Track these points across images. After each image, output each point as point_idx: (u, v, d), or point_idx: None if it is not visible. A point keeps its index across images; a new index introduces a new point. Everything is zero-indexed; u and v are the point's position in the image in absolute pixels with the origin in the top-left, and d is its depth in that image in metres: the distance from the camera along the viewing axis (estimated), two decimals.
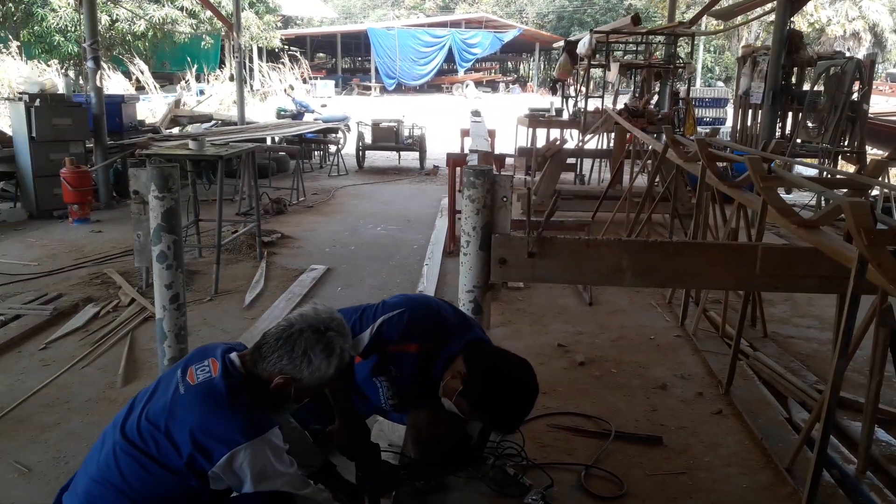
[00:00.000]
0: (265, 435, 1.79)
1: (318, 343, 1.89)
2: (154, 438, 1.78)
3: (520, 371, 2.40)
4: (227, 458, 1.73)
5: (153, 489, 1.77)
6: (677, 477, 2.82)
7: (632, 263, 3.18)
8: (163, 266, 3.41)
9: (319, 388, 1.99)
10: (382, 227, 7.59)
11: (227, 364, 1.90)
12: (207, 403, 1.80)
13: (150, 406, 1.86)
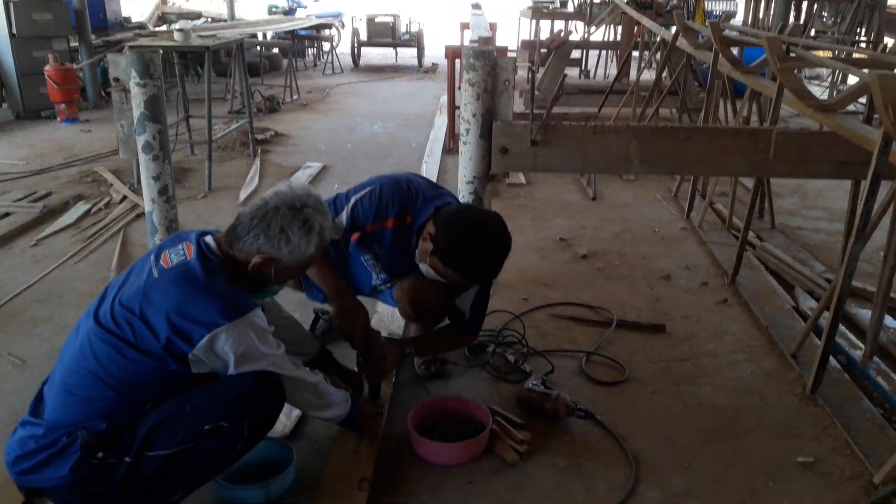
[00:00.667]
0: (246, 316, 1.70)
1: (295, 220, 1.78)
2: (129, 323, 1.69)
3: (488, 219, 2.28)
4: (207, 340, 1.65)
5: (132, 374, 1.69)
6: (681, 363, 2.78)
7: (640, 150, 3.04)
8: (149, 157, 3.26)
9: (300, 267, 1.89)
10: (380, 125, 7.37)
11: (202, 247, 1.80)
12: (183, 286, 1.70)
13: (123, 292, 1.77)
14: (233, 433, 1.70)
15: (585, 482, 2.12)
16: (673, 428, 2.38)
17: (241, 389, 1.70)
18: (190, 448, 1.68)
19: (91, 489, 1.67)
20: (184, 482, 1.74)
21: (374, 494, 2.04)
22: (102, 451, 1.66)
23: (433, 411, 2.36)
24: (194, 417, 1.68)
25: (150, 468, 1.67)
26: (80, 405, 1.70)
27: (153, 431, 1.67)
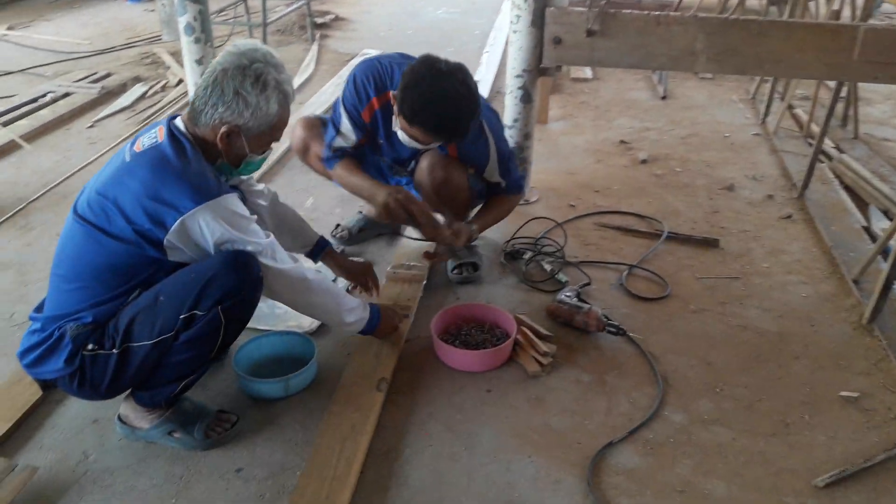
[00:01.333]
0: (218, 199, 1.63)
1: (246, 78, 1.66)
2: (104, 210, 1.64)
3: (440, 65, 2.12)
4: (178, 224, 1.59)
5: (110, 262, 1.66)
6: (729, 282, 2.62)
7: (708, 45, 2.77)
8: (190, 39, 3.17)
9: (273, 129, 1.77)
10: (444, 10, 7.03)
11: (171, 129, 1.72)
12: (154, 169, 1.63)
13: (98, 179, 1.73)
14: (209, 321, 1.65)
15: (608, 399, 2.04)
16: (710, 350, 2.26)
17: (208, 273, 1.63)
18: (170, 338, 1.66)
19: (90, 379, 1.69)
20: (178, 371, 1.73)
21: (391, 395, 2.03)
22: (92, 343, 1.66)
23: (459, 317, 2.30)
24: (168, 306, 1.64)
25: (137, 358, 1.67)
26: (67, 297, 1.70)
27: (132, 322, 1.65)
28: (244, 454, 1.85)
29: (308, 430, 1.92)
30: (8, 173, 3.46)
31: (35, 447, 1.86)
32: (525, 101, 3.01)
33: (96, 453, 1.84)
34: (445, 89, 2.06)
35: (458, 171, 2.38)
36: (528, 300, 2.50)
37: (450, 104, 2.07)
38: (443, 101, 2.06)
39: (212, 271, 1.64)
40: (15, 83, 4.83)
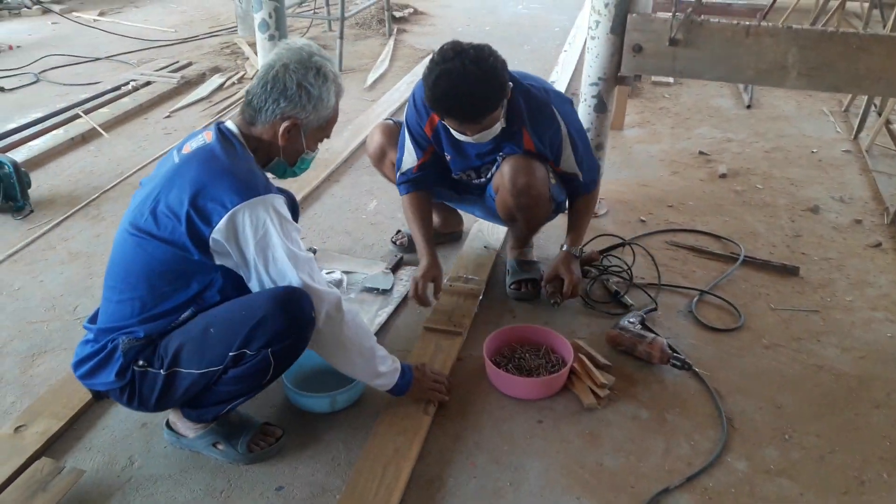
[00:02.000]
0: (266, 196, 1.59)
1: (309, 71, 1.64)
2: (153, 212, 1.62)
3: (457, 46, 2.01)
4: (226, 220, 1.55)
5: (158, 268, 1.64)
6: (807, 315, 2.44)
7: (800, 59, 2.59)
8: (265, 36, 3.20)
9: (327, 123, 1.76)
10: (525, 4, 6.91)
11: (221, 131, 1.70)
12: (202, 165, 1.62)
13: (148, 184, 1.72)
14: (258, 361, 1.63)
15: (667, 440, 1.93)
16: (781, 391, 2.10)
17: (259, 312, 1.59)
18: (219, 370, 1.64)
19: (139, 394, 1.69)
20: (224, 398, 1.72)
21: (438, 419, 1.97)
22: (143, 359, 1.66)
23: (513, 338, 2.22)
24: (218, 341, 1.62)
25: (185, 383, 1.66)
26: (119, 308, 1.69)
27: (181, 348, 1.64)
28: (286, 471, 1.82)
29: (351, 450, 1.88)
30: (86, 161, 3.56)
31: (84, 448, 1.89)
32: (599, 111, 2.90)
33: (142, 459, 1.86)
34: (450, 69, 1.97)
35: (542, 179, 2.27)
36: (588, 323, 2.39)
37: (455, 81, 1.97)
38: (447, 80, 1.98)
39: (262, 311, 1.59)
40: (101, 69, 4.98)
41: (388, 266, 2.65)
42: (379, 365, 1.85)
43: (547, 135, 2.23)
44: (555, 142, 2.24)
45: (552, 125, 2.22)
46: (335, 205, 3.18)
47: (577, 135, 2.29)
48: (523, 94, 2.20)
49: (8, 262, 2.72)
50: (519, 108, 2.19)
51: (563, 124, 2.24)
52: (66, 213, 3.03)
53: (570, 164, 2.31)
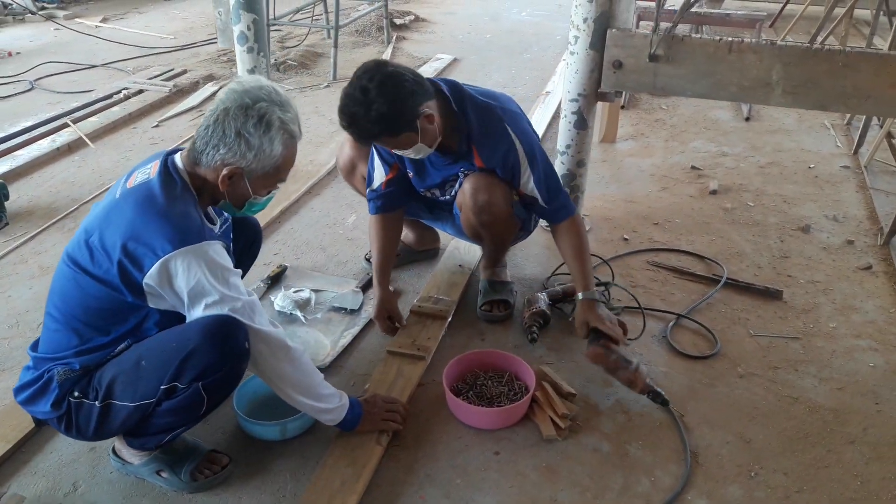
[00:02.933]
0: (199, 245, 1.53)
1: (249, 119, 1.56)
2: (90, 247, 1.58)
3: (367, 64, 1.98)
4: (158, 267, 1.50)
5: (94, 306, 1.60)
6: (787, 343, 2.36)
7: (784, 76, 2.51)
8: (243, 49, 3.16)
9: (277, 170, 1.67)
10: (528, 12, 6.84)
11: (166, 165, 1.63)
12: (138, 207, 1.56)
13: (90, 215, 1.67)
14: (189, 394, 1.58)
15: (626, 475, 1.86)
16: (751, 424, 2.02)
17: (189, 344, 1.54)
18: (152, 403, 1.60)
19: (76, 424, 1.65)
20: (162, 429, 1.68)
21: (392, 449, 1.92)
22: (78, 391, 1.62)
23: (476, 364, 2.16)
24: (150, 373, 1.57)
25: (120, 416, 1.62)
26: (57, 337, 1.65)
27: (114, 381, 1.60)
28: (230, 501, 1.77)
29: (299, 480, 1.83)
30: (69, 172, 3.55)
31: (30, 472, 1.85)
32: (579, 128, 2.83)
33: (86, 485, 1.82)
34: (352, 89, 1.94)
35: (503, 196, 2.22)
36: (558, 348, 2.32)
37: (350, 101, 1.94)
38: (346, 98, 1.96)
39: (192, 343, 1.54)
40: (97, 77, 4.99)
41: (359, 285, 2.61)
42: (323, 402, 1.79)
43: (497, 154, 2.16)
44: (508, 161, 2.16)
45: (503, 143, 2.15)
46: (313, 219, 3.14)
47: (536, 155, 2.20)
48: (477, 111, 2.14)
49: None
50: (470, 126, 2.13)
51: (517, 142, 2.16)
52: (41, 227, 3.01)
53: (530, 187, 2.22)
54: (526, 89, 4.79)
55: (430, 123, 2.03)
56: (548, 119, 4.15)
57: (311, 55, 5.47)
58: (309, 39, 5.80)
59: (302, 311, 2.46)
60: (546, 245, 2.93)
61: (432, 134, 2.07)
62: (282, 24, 5.59)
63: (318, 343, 2.33)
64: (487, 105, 2.17)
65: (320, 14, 5.95)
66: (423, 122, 2.01)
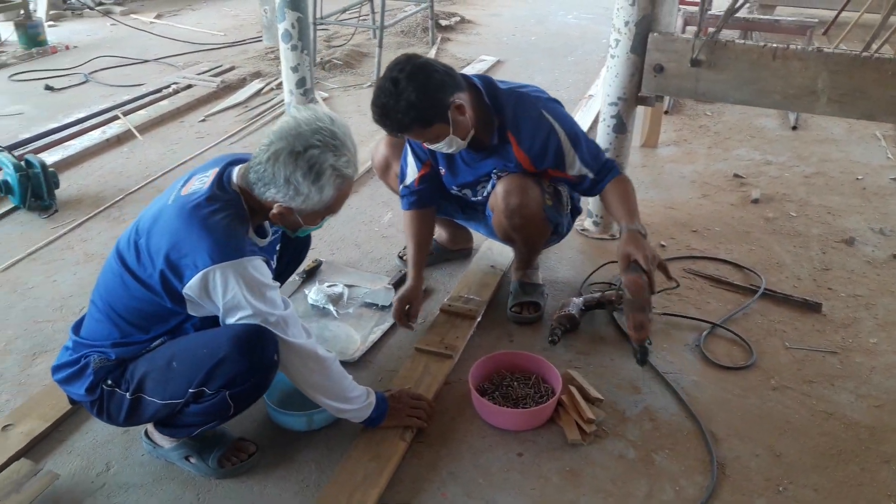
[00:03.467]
0: (239, 261, 1.55)
1: (298, 168, 1.55)
2: (137, 248, 1.63)
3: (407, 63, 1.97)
4: (198, 280, 1.53)
5: (135, 304, 1.64)
6: (824, 356, 2.30)
7: (831, 84, 2.46)
8: (287, 46, 3.21)
9: (328, 210, 1.68)
10: (575, 14, 6.81)
11: (221, 177, 1.65)
12: (184, 217, 1.58)
13: (145, 214, 1.71)
14: (217, 401, 1.62)
15: (651, 483, 1.84)
16: (782, 438, 1.98)
17: (220, 352, 1.57)
18: (180, 403, 1.64)
19: (107, 411, 1.71)
20: (189, 425, 1.72)
21: (416, 445, 1.93)
22: (111, 380, 1.67)
23: (503, 365, 2.16)
24: (179, 375, 1.61)
25: (149, 410, 1.67)
26: (97, 327, 1.71)
27: (146, 376, 1.64)
28: (255, 490, 1.81)
29: (323, 471, 1.85)
30: (117, 163, 3.65)
31: (66, 451, 1.91)
32: (618, 132, 2.81)
33: (118, 465, 1.87)
34: (384, 81, 1.96)
35: (535, 199, 2.22)
36: (587, 351, 2.31)
37: (382, 92, 1.96)
38: (377, 91, 1.97)
39: (223, 351, 1.57)
40: (149, 72, 5.12)
41: (391, 282, 2.63)
42: (349, 404, 1.82)
43: (538, 139, 2.13)
44: (550, 146, 2.13)
45: (543, 128, 2.13)
46: (350, 215, 3.17)
47: (577, 134, 2.17)
48: (511, 99, 2.14)
49: (27, 260, 2.79)
50: (504, 116, 2.13)
51: (556, 125, 2.13)
52: (88, 215, 3.11)
53: (577, 167, 2.18)
54: (569, 92, 4.76)
55: (461, 114, 2.03)
56: (588, 122, 4.11)
57: (356, 55, 5.53)
58: (355, 39, 5.86)
59: (334, 306, 2.50)
60: (580, 249, 2.92)
61: (464, 126, 2.07)
62: (329, 23, 5.66)
63: (349, 337, 2.35)
64: (521, 93, 2.17)
65: (367, 14, 6.00)
66: (454, 113, 2.01)
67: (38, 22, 5.67)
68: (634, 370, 2.21)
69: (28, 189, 3.07)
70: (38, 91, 4.68)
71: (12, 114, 4.27)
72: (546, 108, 2.15)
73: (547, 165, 2.19)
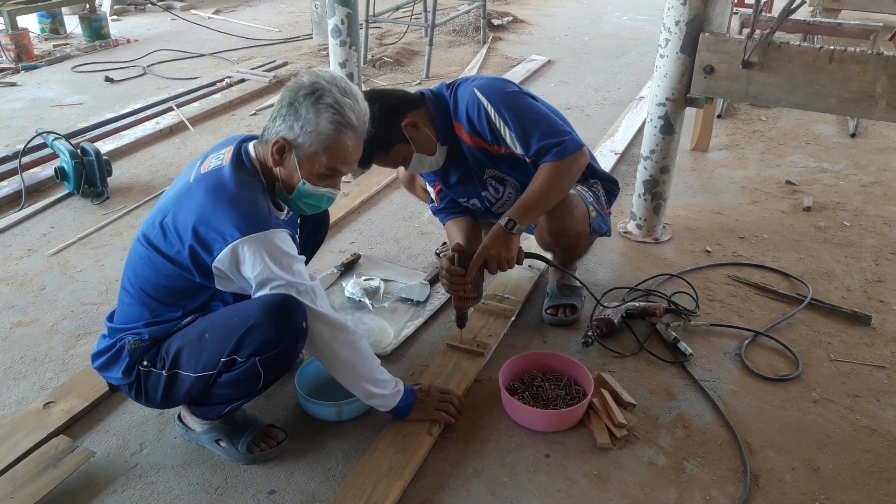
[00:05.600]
0: (265, 233, 1.57)
1: (303, 92, 1.60)
2: (163, 228, 1.66)
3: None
4: (227, 253, 1.56)
5: (164, 283, 1.68)
6: (871, 371, 2.22)
7: (890, 89, 2.39)
8: (336, 42, 3.24)
9: (327, 154, 1.64)
10: (630, 15, 6.72)
11: (239, 152, 1.69)
12: (209, 193, 1.62)
13: (165, 197, 1.75)
14: (247, 368, 1.64)
15: (680, 491, 1.79)
16: (821, 452, 1.91)
17: (249, 321, 1.60)
18: (213, 375, 1.67)
19: (144, 392, 1.75)
20: (223, 400, 1.75)
21: (442, 441, 1.93)
22: (147, 360, 1.71)
23: (535, 365, 2.14)
24: (211, 346, 1.64)
25: (184, 384, 1.70)
26: (129, 310, 1.75)
27: (180, 352, 1.68)
28: (281, 476, 1.83)
29: (349, 462, 1.86)
30: (168, 153, 3.74)
31: (103, 430, 1.97)
32: (665, 133, 2.76)
33: (152, 446, 1.91)
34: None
35: (581, 216, 2.22)
36: (623, 356, 2.27)
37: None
38: None
39: (252, 319, 1.60)
40: (203, 65, 5.25)
41: (427, 277, 2.63)
42: (378, 387, 1.82)
43: (472, 117, 2.07)
44: (482, 119, 2.06)
45: (473, 104, 2.06)
46: (391, 211, 3.19)
47: (507, 108, 2.02)
48: (454, 94, 2.13)
49: (78, 244, 2.89)
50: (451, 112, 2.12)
51: (484, 101, 2.04)
52: (138, 202, 3.20)
53: (512, 143, 2.06)
54: (620, 93, 4.70)
55: (417, 129, 2.06)
56: (638, 124, 4.05)
57: (406, 53, 5.56)
58: (406, 37, 5.89)
59: (370, 299, 2.51)
60: (622, 252, 2.87)
61: (425, 139, 2.09)
62: (381, 21, 5.70)
63: (383, 331, 2.36)
64: (461, 82, 2.15)
65: (419, 13, 6.03)
66: (409, 131, 2.05)
67: (102, 16, 5.87)
68: (670, 376, 2.17)
69: (82, 176, 3.17)
70: (99, 82, 4.84)
71: (73, 103, 4.42)
72: (478, 85, 2.08)
73: (491, 141, 2.10)
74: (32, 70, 5.06)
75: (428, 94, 2.15)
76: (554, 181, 2.01)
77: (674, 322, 2.40)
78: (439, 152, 2.15)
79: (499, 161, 2.17)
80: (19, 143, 3.59)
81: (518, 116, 2.02)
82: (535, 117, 2.03)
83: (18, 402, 2.07)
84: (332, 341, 1.72)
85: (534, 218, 2.08)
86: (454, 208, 2.43)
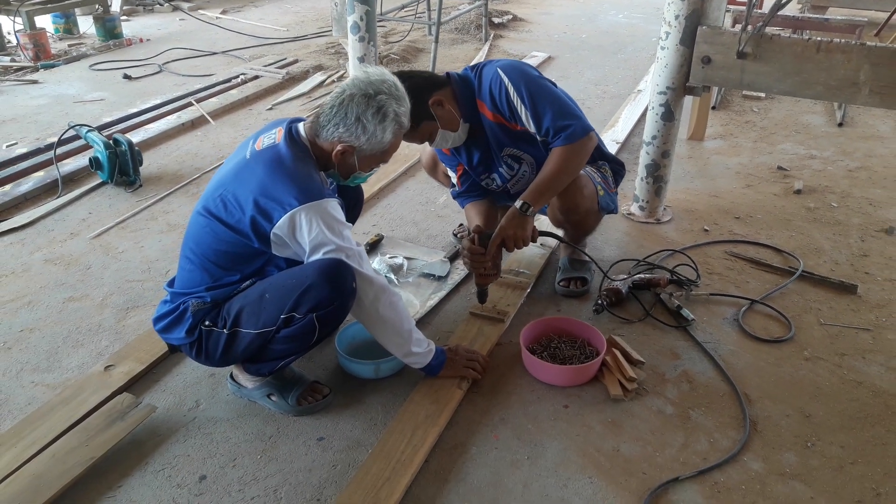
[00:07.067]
0: (320, 202, 1.77)
1: (369, 108, 1.82)
2: (223, 200, 1.86)
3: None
4: (286, 220, 1.75)
5: (225, 249, 1.88)
6: (857, 333, 2.43)
7: (873, 76, 2.59)
8: (355, 38, 3.43)
9: (383, 154, 1.94)
10: (626, 14, 6.93)
11: (291, 132, 1.90)
12: (268, 167, 1.82)
13: (221, 173, 1.95)
14: (305, 324, 1.84)
15: (687, 435, 2.00)
16: (812, 401, 2.13)
17: (306, 281, 1.79)
18: (272, 331, 1.86)
19: (205, 350, 1.94)
20: (277, 355, 1.95)
21: (470, 395, 2.12)
22: (209, 320, 1.91)
23: (552, 328, 2.34)
24: (272, 305, 1.83)
25: (244, 341, 1.90)
26: (190, 276, 1.95)
27: (241, 311, 1.87)
28: (328, 425, 2.03)
29: (388, 413, 2.06)
30: (192, 145, 3.93)
31: (160, 389, 2.16)
32: (666, 119, 2.97)
33: (206, 403, 2.11)
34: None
35: (590, 196, 2.42)
36: (632, 322, 2.48)
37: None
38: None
39: (309, 280, 1.79)
40: (217, 63, 5.43)
41: (447, 255, 2.83)
42: (413, 346, 2.03)
43: (494, 94, 2.25)
44: (502, 97, 2.23)
45: (496, 83, 2.23)
46: (408, 197, 3.39)
47: (526, 90, 2.20)
48: (479, 72, 2.30)
49: (117, 228, 3.07)
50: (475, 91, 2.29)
51: (506, 80, 2.21)
52: (169, 190, 3.39)
53: (527, 122, 2.23)
54: (618, 87, 4.91)
55: (442, 107, 2.25)
56: (637, 115, 4.27)
57: (412, 50, 5.75)
58: (411, 35, 6.09)
59: (395, 275, 2.71)
60: (626, 231, 3.08)
61: (449, 117, 2.28)
62: (387, 19, 5.89)
63: (409, 302, 2.56)
64: (485, 63, 2.33)
65: (423, 12, 6.23)
66: (435, 108, 2.24)
67: (115, 16, 6.04)
68: (675, 339, 2.38)
69: (116, 165, 3.36)
70: (117, 79, 5.02)
71: (95, 99, 4.61)
72: (502, 66, 2.27)
73: (509, 118, 2.27)
74: (51, 68, 5.23)
75: (454, 75, 2.34)
76: (564, 165, 2.22)
77: (677, 292, 2.61)
78: (462, 129, 2.34)
79: (516, 138, 2.36)
80: (48, 137, 3.78)
81: (533, 97, 2.21)
82: (550, 99, 2.23)
83: (79, 367, 2.26)
84: (376, 301, 1.92)
85: (546, 200, 2.28)
86: (473, 192, 2.62)
